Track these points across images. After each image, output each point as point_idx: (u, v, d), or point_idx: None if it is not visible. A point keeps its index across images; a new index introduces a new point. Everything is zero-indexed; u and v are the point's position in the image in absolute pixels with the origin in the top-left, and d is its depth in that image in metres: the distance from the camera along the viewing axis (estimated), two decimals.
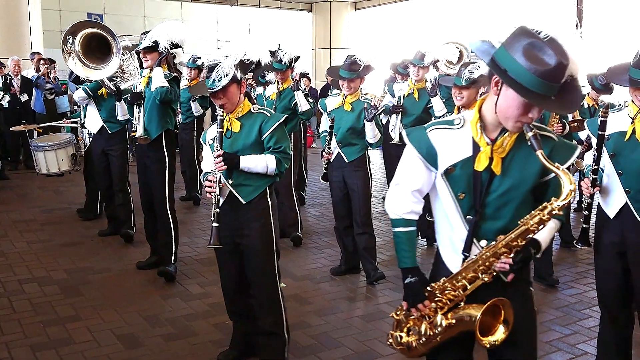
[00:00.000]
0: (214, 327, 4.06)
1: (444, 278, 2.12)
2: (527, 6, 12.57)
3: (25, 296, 4.57)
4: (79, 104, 6.48)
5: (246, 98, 3.25)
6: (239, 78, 3.12)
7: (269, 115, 3.22)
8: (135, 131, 4.93)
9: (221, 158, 3.08)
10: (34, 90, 10.49)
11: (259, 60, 3.67)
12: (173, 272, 4.96)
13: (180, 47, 4.98)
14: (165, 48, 4.77)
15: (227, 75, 3.02)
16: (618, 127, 3.00)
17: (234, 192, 3.22)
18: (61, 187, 8.76)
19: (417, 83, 6.18)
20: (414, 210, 2.18)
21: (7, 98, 9.85)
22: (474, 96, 3.93)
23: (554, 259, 5.23)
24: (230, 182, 3.20)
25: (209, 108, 8.92)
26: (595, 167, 3.06)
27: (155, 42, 4.78)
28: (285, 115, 3.26)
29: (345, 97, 4.89)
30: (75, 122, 7.85)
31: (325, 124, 5.04)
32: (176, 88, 4.95)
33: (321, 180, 5.33)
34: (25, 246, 5.89)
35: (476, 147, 2.06)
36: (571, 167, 2.32)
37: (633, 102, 2.97)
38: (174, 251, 5.06)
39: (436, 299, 2.12)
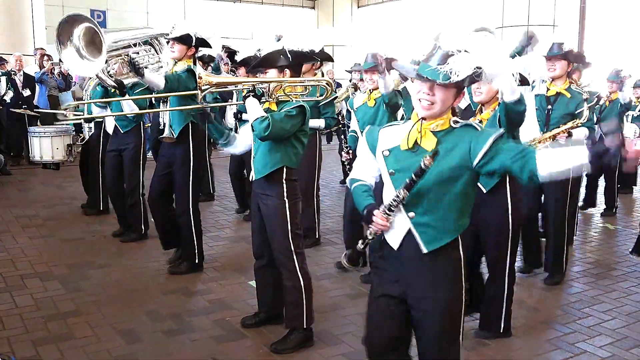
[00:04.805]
0: (214, 323, 4.08)
1: None
2: (532, 3, 12.55)
3: (27, 291, 4.59)
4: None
5: (452, 110, 2.36)
6: (463, 85, 2.24)
7: (478, 129, 2.30)
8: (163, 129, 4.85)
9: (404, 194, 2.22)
10: (37, 86, 10.52)
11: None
12: (181, 272, 5.00)
13: (208, 45, 4.89)
14: (193, 41, 4.69)
15: (457, 74, 2.16)
16: None
17: (414, 233, 2.32)
18: (63, 182, 8.77)
19: None
20: None
21: (11, 94, 9.89)
22: (494, 93, 3.68)
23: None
24: (412, 216, 2.31)
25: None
26: None
27: (187, 35, 4.68)
28: (502, 131, 2.29)
29: (371, 92, 4.92)
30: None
31: (354, 122, 5.07)
32: (190, 78, 4.69)
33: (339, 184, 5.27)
34: (27, 241, 5.91)
35: None
36: None
37: None
38: (196, 251, 5.02)
39: None
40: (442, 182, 2.26)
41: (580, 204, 7.24)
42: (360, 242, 2.42)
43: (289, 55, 3.60)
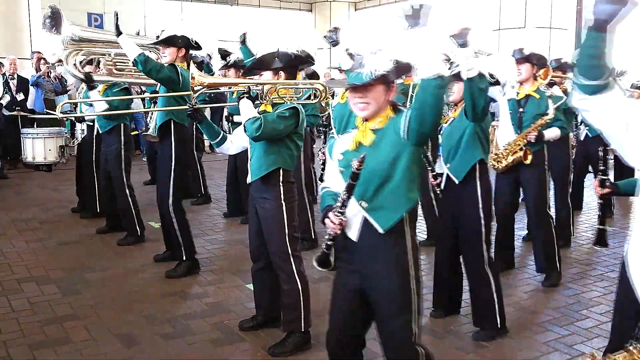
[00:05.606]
0: (212, 327, 4.07)
1: None
2: (529, 6, 12.59)
3: (24, 295, 4.57)
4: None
5: (391, 107, 2.50)
6: (390, 79, 2.42)
7: (404, 109, 2.46)
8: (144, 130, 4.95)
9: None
10: (33, 89, 10.50)
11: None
12: (178, 275, 4.97)
13: (199, 47, 4.90)
14: (181, 42, 4.71)
15: (376, 71, 2.31)
16: None
17: (369, 219, 2.45)
18: (60, 185, 8.75)
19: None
20: None
21: (8, 98, 9.89)
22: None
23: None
24: (365, 205, 2.45)
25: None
26: (603, 167, 3.16)
27: (172, 36, 4.70)
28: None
29: (345, 91, 5.00)
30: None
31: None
32: (172, 70, 4.67)
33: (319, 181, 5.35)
34: (24, 245, 5.89)
35: None
36: None
37: None
38: (183, 248, 4.99)
39: None
40: (384, 166, 2.41)
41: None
42: (323, 244, 2.51)
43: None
